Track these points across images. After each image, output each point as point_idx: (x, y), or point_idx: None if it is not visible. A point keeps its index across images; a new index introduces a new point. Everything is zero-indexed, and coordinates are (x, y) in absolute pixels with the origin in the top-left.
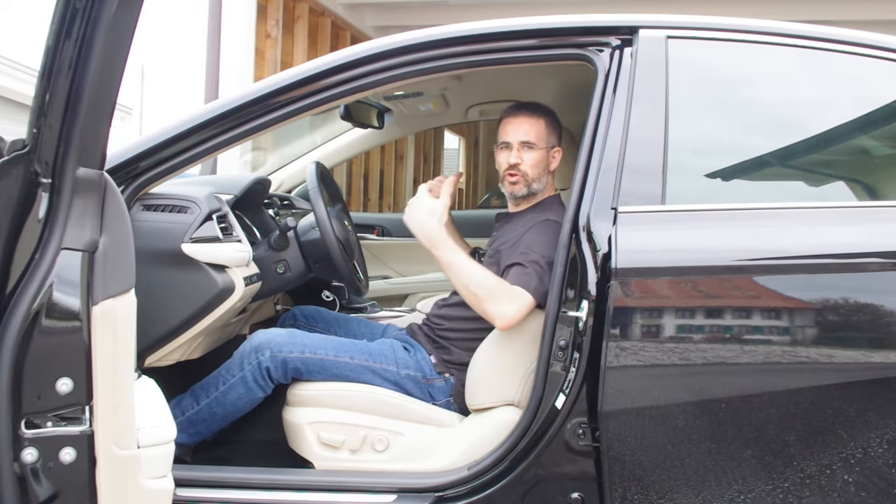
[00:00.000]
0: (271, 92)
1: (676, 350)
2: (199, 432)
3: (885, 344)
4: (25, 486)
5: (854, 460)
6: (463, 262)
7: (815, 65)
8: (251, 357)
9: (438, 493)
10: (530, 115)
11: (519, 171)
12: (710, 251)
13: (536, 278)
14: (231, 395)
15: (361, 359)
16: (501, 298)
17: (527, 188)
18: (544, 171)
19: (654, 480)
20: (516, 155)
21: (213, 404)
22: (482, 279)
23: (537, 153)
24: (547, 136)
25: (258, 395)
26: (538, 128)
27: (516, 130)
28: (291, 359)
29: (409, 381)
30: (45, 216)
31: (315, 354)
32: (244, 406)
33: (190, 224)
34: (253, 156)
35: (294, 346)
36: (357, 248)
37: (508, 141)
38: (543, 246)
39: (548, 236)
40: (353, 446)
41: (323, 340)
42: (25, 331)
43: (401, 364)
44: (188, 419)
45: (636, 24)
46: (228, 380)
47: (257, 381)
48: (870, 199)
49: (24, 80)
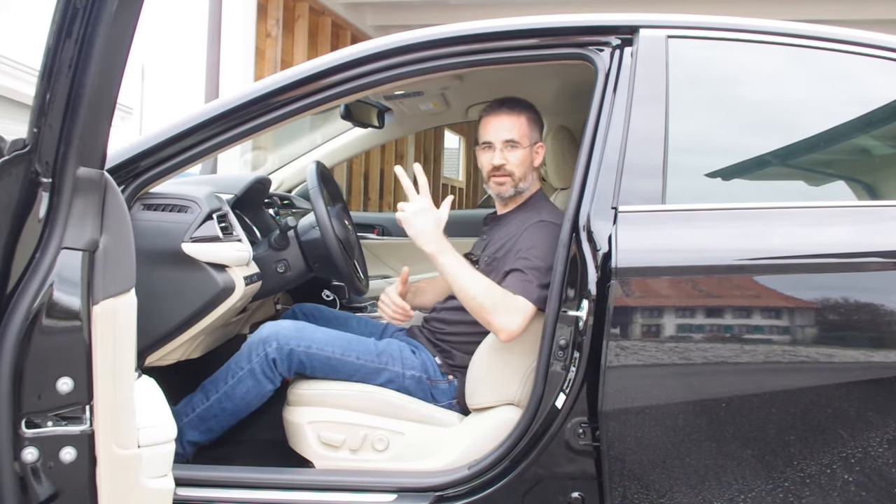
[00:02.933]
0: (271, 91)
1: (676, 349)
2: (210, 429)
3: (885, 344)
4: (26, 486)
5: (854, 460)
6: (468, 271)
7: (816, 64)
8: (258, 348)
9: (439, 493)
10: (511, 112)
11: (505, 171)
12: (710, 251)
13: (537, 285)
14: (240, 388)
15: (368, 359)
16: (505, 310)
17: (514, 188)
18: (529, 168)
19: (655, 480)
20: (500, 155)
21: (222, 399)
22: (486, 290)
23: (521, 151)
24: (529, 132)
25: (267, 388)
26: (520, 125)
27: (498, 129)
28: (297, 352)
29: (413, 382)
30: (46, 216)
31: (322, 351)
32: (254, 400)
33: (190, 223)
34: (253, 155)
35: (301, 340)
36: (357, 248)
37: (491, 140)
38: (542, 249)
39: (545, 239)
40: (353, 446)
41: (331, 337)
42: (26, 330)
43: (406, 365)
44: (199, 415)
45: (636, 24)
46: (237, 373)
47: (265, 372)
48: (870, 198)
49: (25, 79)
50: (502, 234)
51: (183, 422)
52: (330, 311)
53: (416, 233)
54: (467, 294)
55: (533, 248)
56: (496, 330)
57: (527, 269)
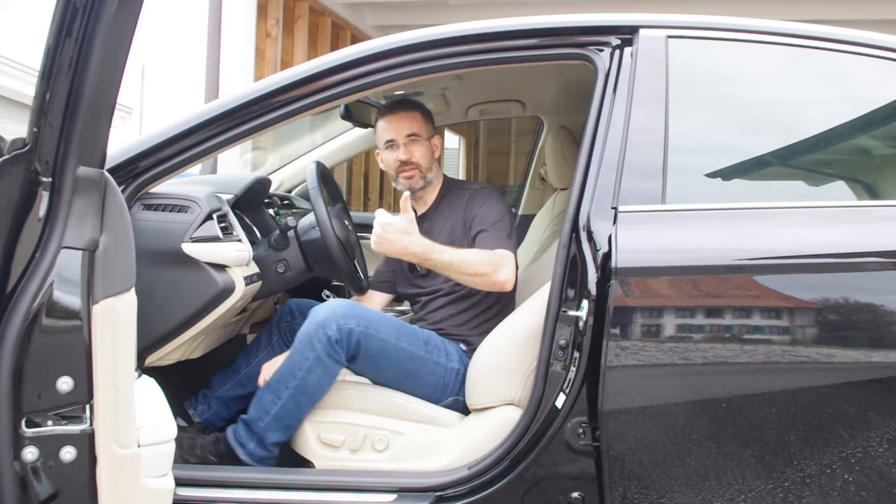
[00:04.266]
0: (271, 91)
1: (676, 349)
2: (289, 426)
3: (885, 344)
4: (26, 485)
5: (854, 460)
6: (456, 253)
7: (816, 64)
8: (319, 335)
9: (439, 493)
10: (405, 110)
11: (412, 164)
12: (710, 251)
13: (505, 236)
14: (311, 378)
15: (417, 346)
16: (500, 266)
17: (423, 179)
18: (432, 159)
19: (655, 480)
20: (405, 150)
21: (296, 394)
22: (478, 259)
23: (423, 144)
24: (426, 126)
25: (337, 370)
26: (416, 120)
27: (398, 127)
28: (357, 332)
29: (453, 375)
30: (46, 215)
31: (378, 333)
32: (327, 385)
33: (190, 223)
34: (253, 155)
35: (360, 319)
36: (357, 248)
37: (393, 138)
38: (491, 207)
39: (488, 199)
40: (353, 446)
41: (383, 318)
42: (26, 330)
43: (450, 356)
44: (274, 416)
45: (636, 24)
46: (304, 364)
47: (331, 355)
48: (870, 198)
49: (25, 79)
50: (443, 223)
51: (260, 427)
52: None
53: (394, 253)
54: (466, 271)
55: (482, 209)
56: (500, 285)
57: (489, 228)
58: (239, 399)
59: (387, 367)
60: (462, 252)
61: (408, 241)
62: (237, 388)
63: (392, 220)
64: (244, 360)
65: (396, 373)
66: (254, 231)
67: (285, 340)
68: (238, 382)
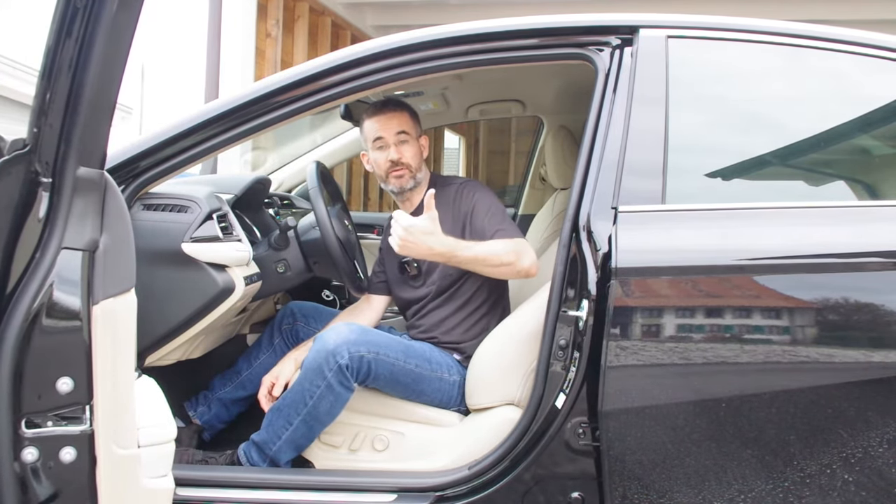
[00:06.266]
0: (271, 91)
1: (676, 349)
2: (301, 446)
3: (885, 344)
4: (26, 486)
5: (854, 460)
6: (480, 247)
7: (816, 64)
8: (330, 362)
9: (438, 493)
10: (394, 109)
11: (402, 164)
12: (710, 251)
13: (510, 224)
14: (323, 405)
15: (423, 366)
16: (522, 253)
17: (413, 179)
18: (421, 159)
19: (655, 480)
20: (395, 150)
21: (307, 419)
22: (500, 249)
23: (412, 144)
24: (414, 125)
25: (347, 396)
26: (405, 119)
27: (387, 125)
28: (367, 358)
29: (455, 388)
30: (46, 215)
31: (387, 357)
32: (339, 410)
33: (190, 223)
34: (253, 155)
35: (370, 346)
36: (357, 248)
37: (383, 136)
38: (489, 201)
39: (481, 193)
40: (353, 446)
41: (392, 341)
42: (26, 330)
43: (450, 370)
44: (286, 440)
45: (636, 24)
46: (314, 392)
47: (342, 382)
48: (870, 198)
49: (25, 79)
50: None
51: (272, 450)
52: (330, 311)
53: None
54: (492, 262)
55: (482, 204)
56: (526, 271)
57: (497, 222)
58: (239, 401)
59: (395, 387)
60: (484, 245)
61: (433, 242)
62: (238, 390)
63: (415, 221)
64: (245, 362)
65: (404, 393)
66: (254, 231)
67: (286, 342)
68: (239, 385)
